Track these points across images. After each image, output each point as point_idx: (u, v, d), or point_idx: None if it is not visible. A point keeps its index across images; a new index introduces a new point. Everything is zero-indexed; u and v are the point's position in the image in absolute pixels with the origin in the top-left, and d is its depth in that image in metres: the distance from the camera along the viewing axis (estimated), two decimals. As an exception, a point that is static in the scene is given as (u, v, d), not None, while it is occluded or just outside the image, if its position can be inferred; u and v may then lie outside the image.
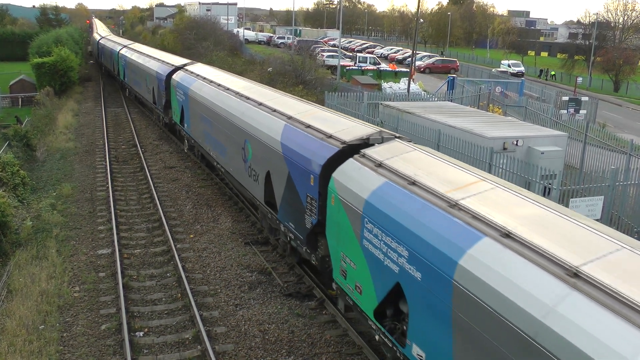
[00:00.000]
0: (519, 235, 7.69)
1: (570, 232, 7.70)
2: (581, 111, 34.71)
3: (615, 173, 17.44)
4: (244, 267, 16.20)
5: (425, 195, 9.43)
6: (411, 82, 50.08)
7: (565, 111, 33.39)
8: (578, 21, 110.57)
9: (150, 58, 36.55)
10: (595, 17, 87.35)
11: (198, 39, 72.81)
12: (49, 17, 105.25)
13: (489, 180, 9.68)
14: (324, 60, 65.28)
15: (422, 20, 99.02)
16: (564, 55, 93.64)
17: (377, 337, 10.45)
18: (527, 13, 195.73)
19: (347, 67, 60.46)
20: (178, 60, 32.97)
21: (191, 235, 18.44)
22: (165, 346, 12.44)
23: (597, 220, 15.02)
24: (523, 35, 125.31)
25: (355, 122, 14.25)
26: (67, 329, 13.02)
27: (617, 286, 6.48)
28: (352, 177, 11.30)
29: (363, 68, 60.88)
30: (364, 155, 11.75)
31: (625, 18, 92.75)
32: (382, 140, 12.54)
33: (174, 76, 28.49)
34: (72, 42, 62.68)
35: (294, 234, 14.15)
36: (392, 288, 9.59)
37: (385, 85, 52.77)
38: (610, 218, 17.43)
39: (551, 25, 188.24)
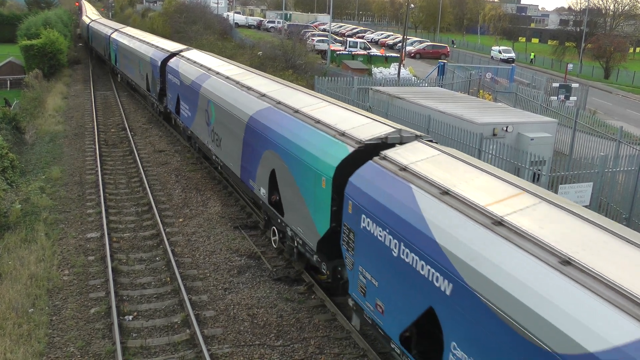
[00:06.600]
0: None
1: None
2: (571, 98, 34.83)
3: (604, 160, 17.52)
4: (233, 251, 16.21)
5: None
6: (401, 68, 50.07)
7: (556, 98, 33.47)
8: (569, 8, 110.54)
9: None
10: (587, 4, 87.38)
11: (188, 22, 72.31)
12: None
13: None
14: (314, 45, 65.05)
15: (412, 5, 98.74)
16: (554, 42, 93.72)
17: None
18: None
19: (338, 52, 60.28)
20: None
21: (180, 220, 18.42)
22: (154, 330, 12.45)
23: (586, 206, 15.13)
24: (514, 22, 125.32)
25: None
26: (57, 312, 13.00)
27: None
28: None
29: (353, 53, 60.72)
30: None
31: (616, 5, 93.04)
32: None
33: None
34: (61, 25, 62.16)
35: None
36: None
37: (375, 70, 52.72)
38: (599, 204, 17.52)
39: (542, 11, 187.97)
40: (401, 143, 11.90)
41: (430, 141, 12.08)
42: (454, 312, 8.13)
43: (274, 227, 15.99)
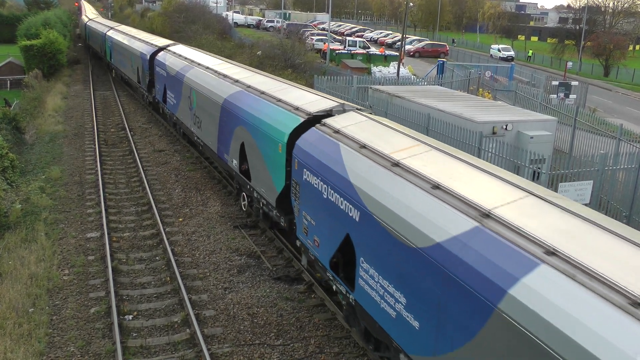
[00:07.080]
0: None
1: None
2: (571, 96, 34.79)
3: (604, 158, 17.52)
4: (233, 251, 16.21)
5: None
6: (401, 66, 50.06)
7: (555, 96, 33.46)
8: (568, 6, 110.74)
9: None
10: (586, 1, 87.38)
11: (187, 22, 72.32)
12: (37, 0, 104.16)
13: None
14: (313, 44, 65.04)
15: (411, 4, 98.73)
16: (554, 39, 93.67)
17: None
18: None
19: (337, 51, 60.25)
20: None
21: (180, 219, 18.42)
22: (154, 329, 12.46)
23: (586, 204, 15.12)
24: (513, 20, 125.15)
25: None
26: (57, 312, 13.01)
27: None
28: None
29: (352, 52, 60.70)
30: None
31: (616, 2, 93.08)
32: None
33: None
34: (60, 25, 62.16)
35: None
36: None
37: (374, 69, 52.68)
38: (599, 202, 17.52)
39: (541, 9, 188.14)
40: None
41: (371, 113, 14.43)
42: (361, 233, 10.49)
43: (244, 193, 18.23)
